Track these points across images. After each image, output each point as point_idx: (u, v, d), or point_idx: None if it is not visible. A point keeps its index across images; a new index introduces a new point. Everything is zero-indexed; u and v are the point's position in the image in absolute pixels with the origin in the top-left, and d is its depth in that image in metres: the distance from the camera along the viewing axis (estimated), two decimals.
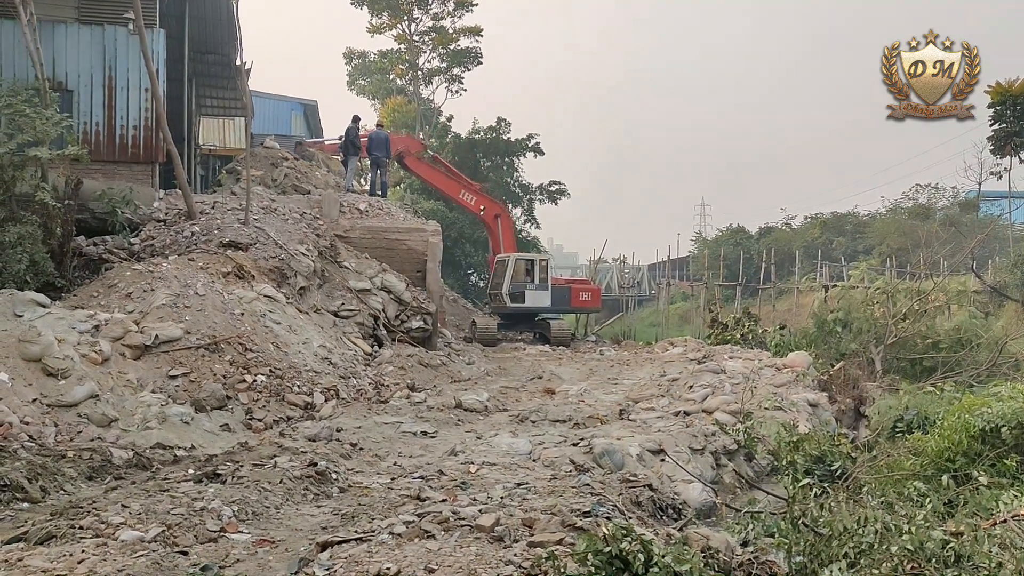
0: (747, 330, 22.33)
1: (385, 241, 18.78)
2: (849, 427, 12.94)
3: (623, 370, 17.46)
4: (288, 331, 12.95)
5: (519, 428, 10.48)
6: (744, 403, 11.75)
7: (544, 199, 38.85)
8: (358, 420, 10.49)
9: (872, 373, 16.69)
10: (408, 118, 43.82)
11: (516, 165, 38.73)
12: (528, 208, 38.81)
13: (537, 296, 23.72)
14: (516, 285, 23.64)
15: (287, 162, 21.37)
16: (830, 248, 40.62)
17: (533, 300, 23.72)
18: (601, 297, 27.93)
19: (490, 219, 25.44)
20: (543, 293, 23.80)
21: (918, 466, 8.51)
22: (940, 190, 41.11)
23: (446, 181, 25.16)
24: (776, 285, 33.18)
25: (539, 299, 23.78)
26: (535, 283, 23.80)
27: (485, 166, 37.82)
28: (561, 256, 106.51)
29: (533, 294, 23.68)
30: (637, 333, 32.57)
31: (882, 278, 22.23)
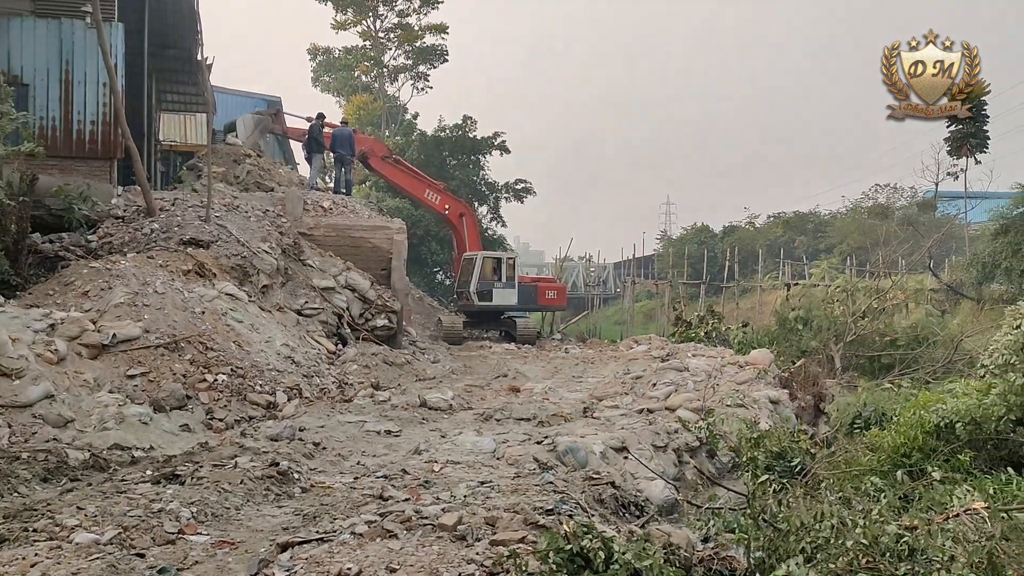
0: (711, 328, 22.55)
1: (350, 239, 18.68)
2: (809, 424, 13.10)
3: (588, 368, 17.53)
4: (250, 330, 12.82)
5: (484, 426, 10.48)
6: (706, 400, 11.85)
7: (510, 197, 38.89)
8: (321, 419, 10.42)
9: (832, 370, 16.95)
10: (373, 115, 43.60)
11: (482, 163, 38.71)
12: (494, 206, 38.82)
13: (504, 294, 23.76)
14: (483, 283, 23.65)
15: (250, 159, 21.14)
16: (792, 247, 41.14)
17: (500, 298, 23.75)
18: (567, 295, 28.08)
19: (455, 218, 25.40)
20: (510, 291, 23.85)
21: (875, 462, 8.64)
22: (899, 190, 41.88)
23: (411, 181, 25.08)
24: (739, 283, 33.53)
25: (506, 297, 23.81)
26: (502, 281, 23.83)
27: (451, 164, 37.75)
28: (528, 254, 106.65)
29: (500, 292, 23.72)
30: (602, 331, 32.73)
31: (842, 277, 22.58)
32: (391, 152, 26.35)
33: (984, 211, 30.14)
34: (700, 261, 35.58)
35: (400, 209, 31.23)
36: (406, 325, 19.09)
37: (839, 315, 18.96)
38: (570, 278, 44.24)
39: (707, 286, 33.80)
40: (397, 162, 25.65)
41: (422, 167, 29.62)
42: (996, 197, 30.40)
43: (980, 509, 5.66)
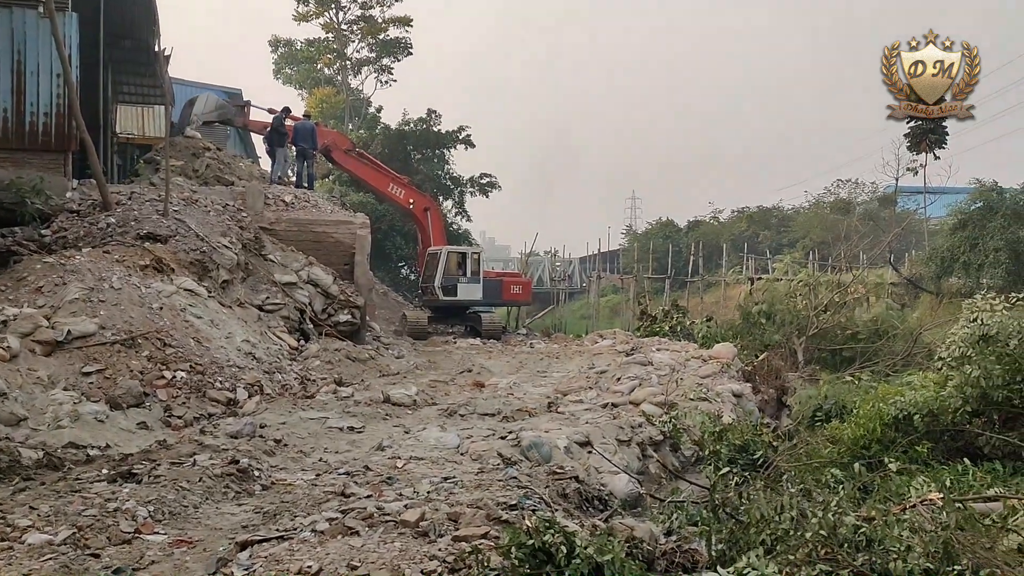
0: (675, 322, 22.70)
1: (312, 234, 18.54)
2: (772, 417, 13.28)
3: (552, 363, 17.59)
4: (210, 325, 12.69)
5: (447, 422, 10.47)
6: (670, 395, 11.95)
7: (475, 192, 38.82)
8: (283, 416, 10.34)
9: (795, 364, 17.15)
10: (336, 109, 43.27)
11: (447, 157, 38.59)
12: (459, 201, 38.73)
13: (469, 289, 23.72)
14: (448, 278, 23.60)
15: (209, 152, 20.88)
16: (756, 241, 41.59)
17: (465, 293, 23.71)
18: (532, 290, 28.10)
19: (419, 212, 25.29)
20: (475, 286, 23.81)
21: (835, 454, 8.79)
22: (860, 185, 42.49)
23: (374, 175, 24.92)
24: (704, 278, 33.81)
25: (471, 292, 23.78)
26: (467, 276, 23.79)
27: (415, 158, 37.60)
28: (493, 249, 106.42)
29: (465, 287, 23.67)
30: (568, 326, 32.81)
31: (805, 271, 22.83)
32: (354, 146, 26.17)
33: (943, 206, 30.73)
34: (665, 256, 35.85)
35: (364, 204, 31.04)
36: (370, 320, 19.01)
37: (802, 309, 19.19)
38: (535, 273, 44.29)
39: (672, 281, 34.07)
40: (360, 156, 25.47)
41: (386, 161, 29.43)
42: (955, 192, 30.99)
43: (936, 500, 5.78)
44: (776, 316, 19.49)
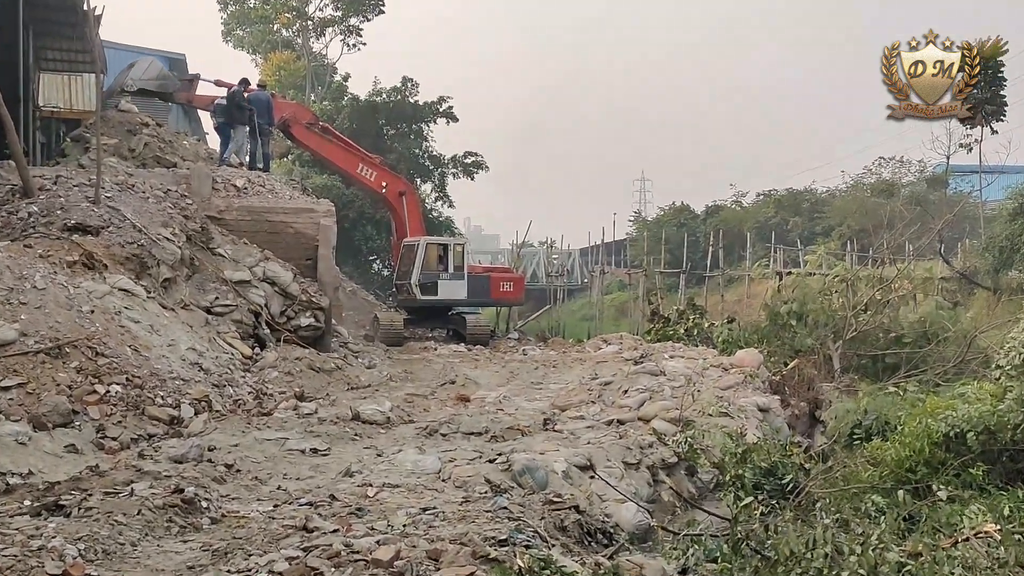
0: (691, 324, 22.77)
1: (268, 224, 18.53)
2: (803, 434, 13.35)
3: (549, 373, 17.62)
4: (149, 331, 12.66)
5: (427, 443, 10.49)
6: (686, 409, 11.99)
7: (458, 173, 38.84)
8: (235, 436, 10.33)
9: (829, 372, 17.26)
10: (296, 77, 43.22)
11: (425, 133, 38.61)
12: (439, 184, 38.75)
13: (451, 287, 23.70)
14: (427, 274, 23.57)
15: (148, 128, 20.81)
16: (785, 229, 41.69)
17: (446, 292, 23.69)
18: (525, 287, 28.09)
19: (393, 197, 25.27)
20: (458, 283, 23.79)
21: (876, 478, 8.83)
22: (905, 164, 42.60)
23: (341, 154, 24.87)
24: (725, 272, 33.87)
25: (453, 290, 23.76)
26: (449, 272, 23.77)
27: (389, 134, 37.61)
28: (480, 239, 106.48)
29: (446, 285, 23.64)
30: (567, 329, 32.85)
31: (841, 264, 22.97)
32: (317, 119, 26.13)
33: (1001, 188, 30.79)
34: (680, 246, 35.90)
35: (328, 188, 31.03)
36: (336, 324, 19.00)
37: (838, 309, 19.30)
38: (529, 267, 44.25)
39: (688, 275, 34.13)
40: (325, 131, 25.43)
41: (355, 137, 29.41)
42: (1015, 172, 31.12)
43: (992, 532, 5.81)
44: (808, 317, 19.57)
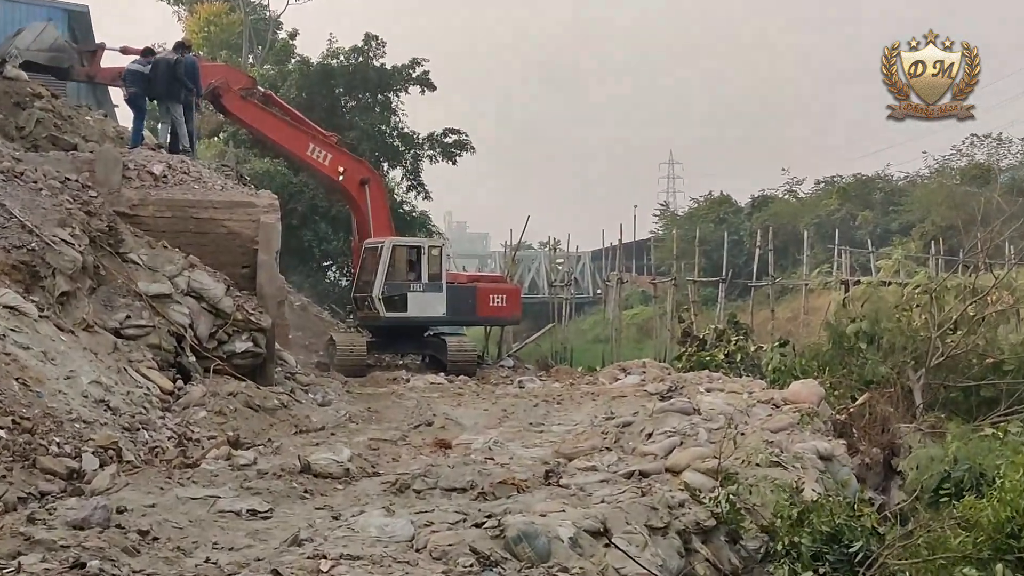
0: (734, 348, 22.81)
1: (194, 222, 18.49)
2: (876, 489, 13.35)
3: (552, 411, 17.61)
4: (42, 360, 12.62)
5: (396, 502, 10.46)
6: (726, 458, 11.97)
7: (436, 155, 38.91)
8: (151, 494, 10.30)
9: (909, 409, 17.22)
10: (230, 33, 43.31)
11: (394, 105, 38.66)
12: (413, 169, 38.84)
13: (425, 301, 23.69)
14: (393, 285, 23.56)
15: (41, 101, 20.78)
16: (852, 227, 41.82)
17: (419, 307, 23.67)
18: (521, 301, 28.11)
19: (354, 187, 25.28)
20: (435, 297, 23.79)
21: (969, 545, 8.82)
22: (1004, 143, 42.74)
23: (286, 131, 24.87)
24: (776, 281, 33.97)
25: (428, 305, 23.75)
26: (422, 281, 23.76)
27: (348, 107, 37.68)
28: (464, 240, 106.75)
29: (419, 298, 23.64)
30: (575, 354, 32.89)
31: (924, 271, 22.98)
32: (255, 84, 26.13)
33: None
34: (719, 248, 36.03)
35: (271, 175, 31.10)
36: (280, 349, 18.98)
37: (919, 328, 19.28)
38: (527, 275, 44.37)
39: (729, 285, 34.19)
40: (267, 101, 25.44)
41: (305, 110, 29.48)
42: None
43: None
44: (882, 338, 19.57)
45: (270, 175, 30.91)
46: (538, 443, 14.43)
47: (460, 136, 39.15)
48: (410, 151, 38.68)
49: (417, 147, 38.71)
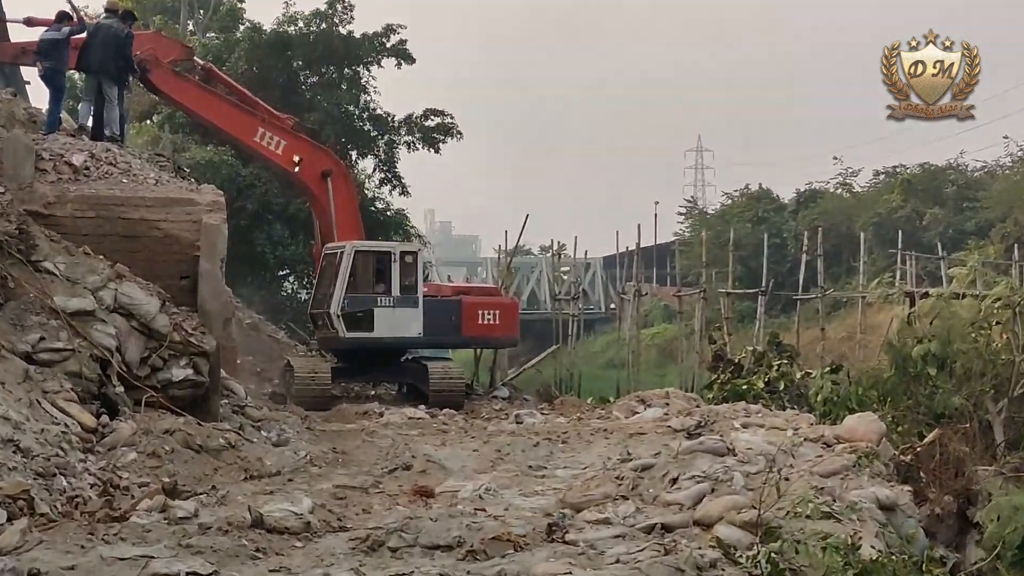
0: (776, 374, 22.81)
1: (122, 223, 18.42)
2: (949, 545, 13.32)
3: (557, 451, 17.60)
4: None
5: (368, 562, 10.46)
6: (768, 508, 11.96)
7: (416, 142, 38.91)
8: (70, 554, 10.28)
9: (989, 448, 17.25)
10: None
11: (365, 81, 38.67)
12: (387, 159, 38.83)
13: (397, 319, 23.61)
14: (356, 299, 23.51)
15: None
16: (919, 227, 41.85)
17: (389, 325, 23.57)
18: (519, 318, 28.04)
19: (313, 180, 25.23)
20: (408, 313, 23.70)
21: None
22: None
23: (230, 114, 24.83)
24: (827, 293, 33.97)
25: (400, 323, 23.66)
26: (393, 294, 23.68)
27: (308, 83, 37.69)
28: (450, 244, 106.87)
29: (388, 315, 23.55)
30: (584, 382, 32.87)
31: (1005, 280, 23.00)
32: (191, 54, 26.09)
33: None
34: (757, 254, 36.03)
35: (216, 166, 31.09)
36: (227, 377, 18.95)
37: (1001, 349, 19.31)
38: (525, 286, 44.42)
39: (769, 298, 34.20)
40: (207, 76, 25.43)
41: (257, 88, 29.49)
42: None
43: None
44: (955, 362, 19.58)
45: (214, 166, 30.91)
46: (539, 490, 14.41)
47: (444, 118, 39.15)
48: (384, 136, 38.69)
49: (392, 132, 38.71)
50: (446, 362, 24.54)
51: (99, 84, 21.91)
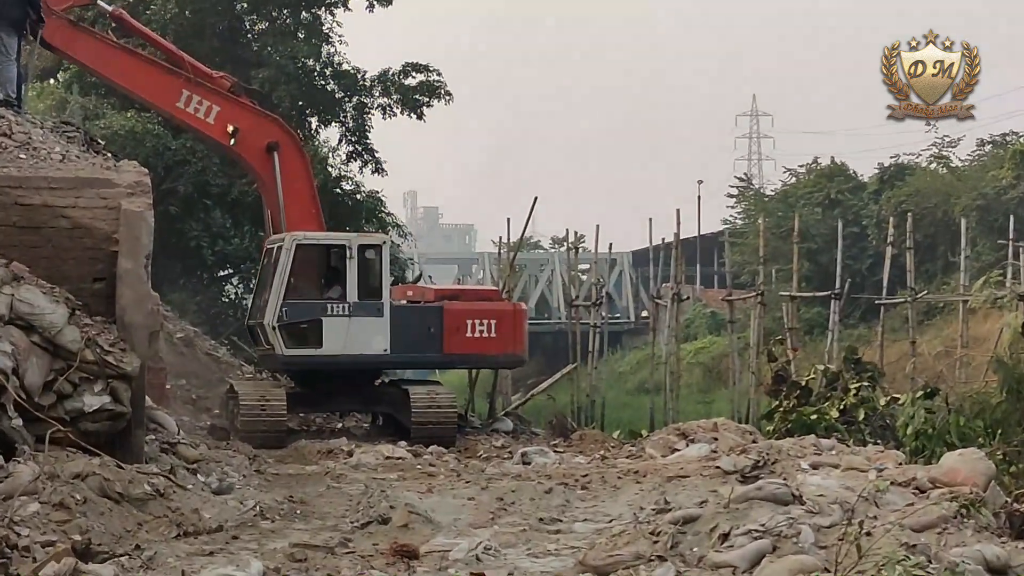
0: (854, 400, 22.84)
1: (20, 210, 18.44)
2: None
3: (575, 500, 17.62)
4: None
5: None
6: (845, 571, 12.01)
7: (393, 105, 38.95)
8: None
9: None
10: None
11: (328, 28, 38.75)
12: (356, 127, 38.85)
13: (355, 331, 23.53)
14: (298, 307, 23.55)
15: None
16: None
17: (341, 340, 23.48)
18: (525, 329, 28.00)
19: (253, 154, 25.23)
20: (371, 324, 23.61)
21: None
22: None
23: (144, 72, 24.84)
24: (919, 297, 33.97)
25: (360, 337, 23.59)
26: (350, 301, 23.61)
27: (255, 31, 37.78)
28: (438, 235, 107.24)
29: (342, 326, 23.49)
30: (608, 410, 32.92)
31: None
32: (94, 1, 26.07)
33: None
34: (829, 246, 36.05)
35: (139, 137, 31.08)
36: (153, 407, 19.01)
37: None
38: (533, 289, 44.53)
39: (845, 302, 34.23)
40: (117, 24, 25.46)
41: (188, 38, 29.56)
42: None
43: None
44: None
45: (137, 137, 30.93)
46: (552, 550, 14.45)
47: (429, 76, 39.18)
48: (352, 98, 38.73)
49: (363, 92, 38.74)
50: (432, 387, 24.50)
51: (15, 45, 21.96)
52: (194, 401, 23.62)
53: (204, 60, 26.63)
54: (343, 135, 38.74)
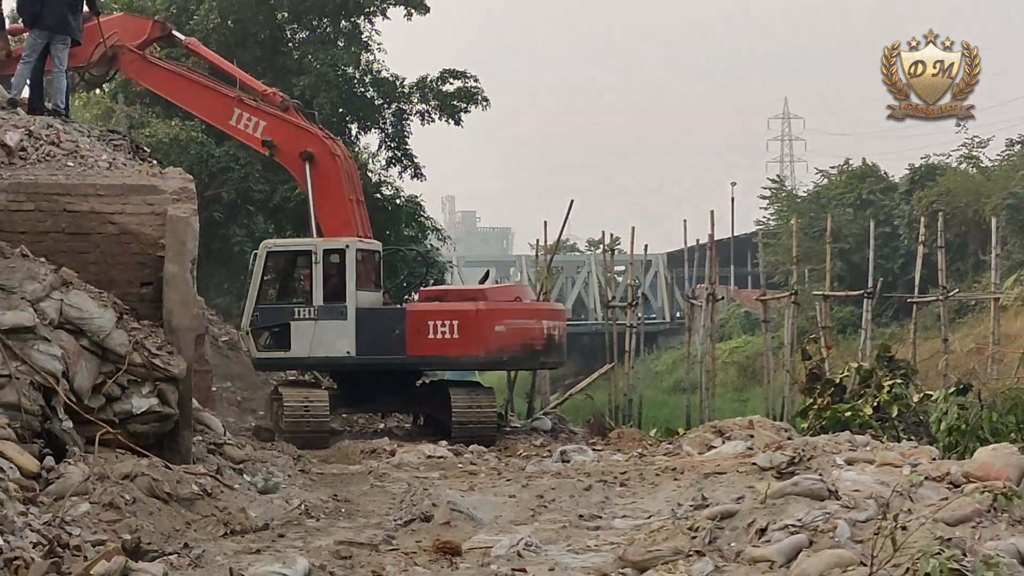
0: (887, 397, 22.74)
1: (68, 217, 18.45)
2: None
3: (613, 497, 17.58)
4: None
5: None
6: (880, 564, 11.95)
7: (432, 111, 38.91)
8: None
9: None
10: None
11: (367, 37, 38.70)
12: (395, 133, 38.83)
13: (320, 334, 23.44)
14: (268, 312, 23.54)
15: None
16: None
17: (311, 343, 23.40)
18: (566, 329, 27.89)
19: (292, 163, 25.28)
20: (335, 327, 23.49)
21: None
22: None
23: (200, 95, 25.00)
24: (951, 295, 33.80)
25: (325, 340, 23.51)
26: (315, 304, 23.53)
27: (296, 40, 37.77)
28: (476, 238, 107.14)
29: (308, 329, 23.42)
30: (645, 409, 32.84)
31: None
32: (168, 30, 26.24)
33: None
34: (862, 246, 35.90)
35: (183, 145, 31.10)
36: (200, 408, 19.01)
37: None
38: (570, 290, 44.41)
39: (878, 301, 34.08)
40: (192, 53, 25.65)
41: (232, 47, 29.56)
42: None
43: None
44: None
45: (181, 144, 30.96)
46: (592, 546, 14.41)
47: (467, 82, 39.11)
48: (391, 105, 38.70)
49: (401, 99, 38.71)
50: (472, 387, 24.44)
51: (47, 42, 21.95)
52: (239, 403, 23.63)
53: (247, 69, 26.72)
54: (382, 141, 38.76)
